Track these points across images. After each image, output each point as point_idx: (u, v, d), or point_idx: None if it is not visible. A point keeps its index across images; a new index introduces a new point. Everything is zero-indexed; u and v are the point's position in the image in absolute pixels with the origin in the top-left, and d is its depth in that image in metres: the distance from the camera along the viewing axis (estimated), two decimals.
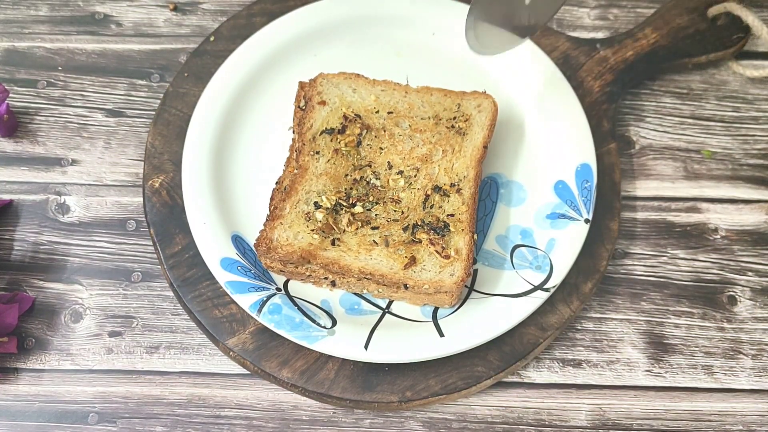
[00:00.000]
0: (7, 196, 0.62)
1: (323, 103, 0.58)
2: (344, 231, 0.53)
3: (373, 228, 0.53)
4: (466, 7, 0.65)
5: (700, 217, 0.62)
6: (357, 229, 0.53)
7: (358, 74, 0.60)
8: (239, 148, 0.60)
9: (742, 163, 0.65)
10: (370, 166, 0.56)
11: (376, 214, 0.54)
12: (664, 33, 0.67)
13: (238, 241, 0.55)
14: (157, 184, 0.59)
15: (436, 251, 0.52)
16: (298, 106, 0.60)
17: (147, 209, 0.58)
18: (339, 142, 0.56)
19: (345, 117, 0.57)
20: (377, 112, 0.58)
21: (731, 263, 0.61)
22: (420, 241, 0.52)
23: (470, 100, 0.59)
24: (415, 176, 0.56)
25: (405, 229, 0.53)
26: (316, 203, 0.53)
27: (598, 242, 0.58)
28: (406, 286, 0.52)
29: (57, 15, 0.70)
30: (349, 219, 0.53)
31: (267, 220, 0.54)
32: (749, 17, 0.67)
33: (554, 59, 0.64)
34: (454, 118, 0.58)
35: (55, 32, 0.69)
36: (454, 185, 0.55)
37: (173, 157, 0.60)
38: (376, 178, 0.55)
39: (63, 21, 0.70)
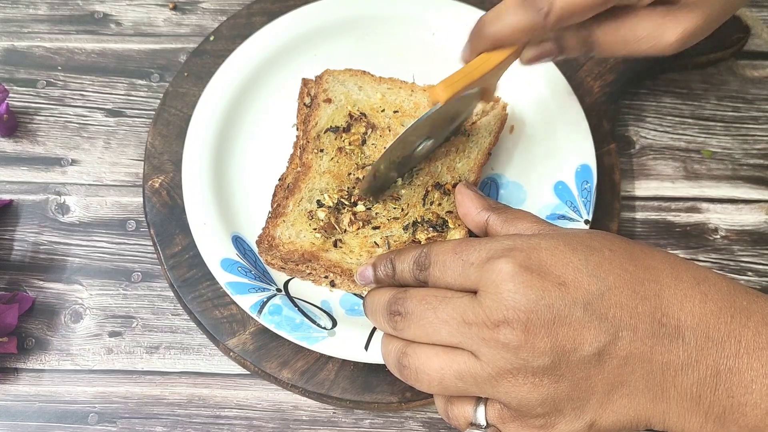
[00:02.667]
0: (7, 196, 0.61)
1: (329, 100, 0.58)
2: (345, 231, 0.53)
3: (374, 228, 0.53)
4: (466, 7, 0.65)
5: (700, 217, 0.63)
6: (358, 229, 0.53)
7: (365, 71, 0.60)
8: (240, 148, 0.60)
9: (742, 163, 0.65)
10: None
11: (376, 213, 0.54)
12: None
13: (238, 241, 0.55)
14: (157, 185, 0.59)
15: None
16: (304, 104, 0.60)
17: (147, 209, 0.58)
18: (343, 141, 0.56)
19: (350, 116, 0.57)
20: (383, 110, 0.58)
21: (731, 263, 0.61)
22: (420, 242, 0.52)
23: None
24: (417, 174, 0.56)
25: (405, 228, 0.53)
26: (318, 201, 0.53)
27: None
28: None
29: (56, 14, 0.70)
30: (350, 219, 0.53)
31: (270, 217, 0.54)
32: (749, 17, 0.67)
33: (554, 60, 0.64)
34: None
35: (54, 31, 0.69)
36: (456, 186, 0.55)
37: (173, 157, 0.60)
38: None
39: (62, 20, 0.70)
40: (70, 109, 0.66)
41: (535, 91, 0.62)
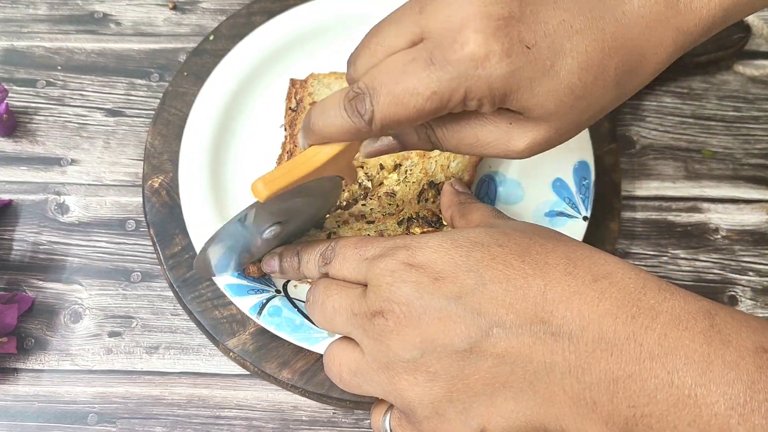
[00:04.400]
0: (6, 196, 0.61)
1: (314, 104, 0.58)
2: (339, 226, 0.53)
3: (369, 222, 0.54)
4: None
5: (700, 217, 0.62)
6: (352, 224, 0.53)
7: None
8: (237, 148, 0.60)
9: (743, 163, 0.65)
10: (362, 168, 0.56)
11: (371, 209, 0.54)
12: None
13: None
14: (156, 184, 0.59)
15: None
16: (290, 107, 0.60)
17: (146, 209, 0.58)
18: None
19: None
20: None
21: (732, 263, 0.61)
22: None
23: None
24: (411, 170, 0.56)
25: (400, 224, 0.53)
26: None
27: (599, 243, 0.58)
28: None
29: (56, 14, 0.70)
30: (344, 219, 0.53)
31: None
32: (750, 17, 0.67)
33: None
34: None
35: (54, 31, 0.69)
36: None
37: (173, 156, 0.60)
38: (368, 180, 0.55)
39: (62, 20, 0.70)
40: (69, 109, 0.65)
41: None
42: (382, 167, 0.56)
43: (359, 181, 0.55)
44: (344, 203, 0.55)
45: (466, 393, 0.36)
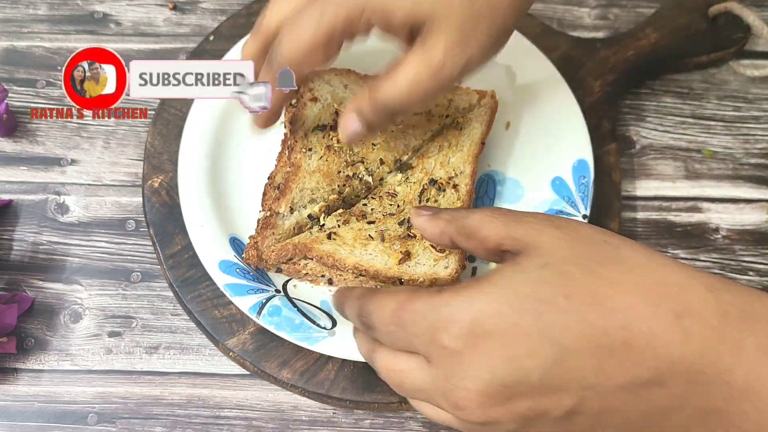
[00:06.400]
0: (6, 196, 0.61)
1: (315, 99, 0.58)
2: (339, 226, 0.53)
3: (369, 222, 0.53)
4: None
5: (701, 217, 0.62)
6: (353, 224, 0.53)
7: (350, 70, 0.60)
8: (236, 149, 0.60)
9: (743, 163, 0.65)
10: (363, 162, 0.56)
11: (372, 209, 0.54)
12: (664, 33, 0.67)
13: (236, 243, 0.55)
14: (156, 184, 0.59)
15: (431, 245, 0.52)
16: (290, 103, 0.60)
17: (146, 209, 0.58)
18: (331, 139, 0.56)
19: (337, 113, 0.57)
20: None
21: (732, 263, 0.61)
22: (415, 236, 0.52)
23: (462, 96, 0.59)
24: (411, 170, 0.56)
25: (401, 224, 0.53)
26: (310, 216, 0.53)
27: None
28: (401, 281, 0.51)
29: (56, 14, 0.70)
30: (346, 218, 0.53)
31: (259, 228, 0.53)
32: (750, 17, 0.67)
33: (554, 59, 0.63)
34: (447, 116, 0.58)
35: (54, 31, 0.69)
36: (451, 180, 0.55)
37: (173, 156, 0.60)
38: (369, 175, 0.55)
39: (62, 20, 0.70)
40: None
41: (530, 88, 0.62)
42: (382, 162, 0.56)
43: (360, 176, 0.55)
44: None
45: None
